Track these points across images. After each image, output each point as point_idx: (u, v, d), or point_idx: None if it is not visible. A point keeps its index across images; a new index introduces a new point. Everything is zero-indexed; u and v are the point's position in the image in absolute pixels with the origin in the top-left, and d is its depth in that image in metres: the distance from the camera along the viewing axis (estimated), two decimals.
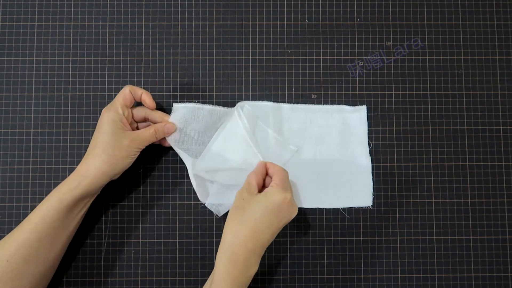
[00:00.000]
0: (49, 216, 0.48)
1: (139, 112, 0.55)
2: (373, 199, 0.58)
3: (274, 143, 0.58)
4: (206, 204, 0.56)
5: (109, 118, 0.51)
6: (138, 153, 0.53)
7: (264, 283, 0.57)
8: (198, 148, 0.57)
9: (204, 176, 0.56)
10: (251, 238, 0.46)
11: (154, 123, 0.55)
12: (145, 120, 0.55)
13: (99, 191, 0.53)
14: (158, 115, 0.55)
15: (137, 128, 0.56)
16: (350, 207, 0.58)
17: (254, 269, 0.48)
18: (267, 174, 0.53)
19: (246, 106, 0.58)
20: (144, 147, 0.53)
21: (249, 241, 0.46)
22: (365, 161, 0.59)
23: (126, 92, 0.53)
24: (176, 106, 0.55)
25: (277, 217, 0.48)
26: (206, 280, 0.56)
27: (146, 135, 0.53)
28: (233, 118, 0.57)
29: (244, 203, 0.48)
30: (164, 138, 0.55)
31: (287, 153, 0.58)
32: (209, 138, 0.57)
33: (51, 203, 0.48)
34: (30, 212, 0.57)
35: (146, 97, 0.54)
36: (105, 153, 0.50)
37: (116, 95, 0.55)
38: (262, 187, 0.52)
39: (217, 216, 0.57)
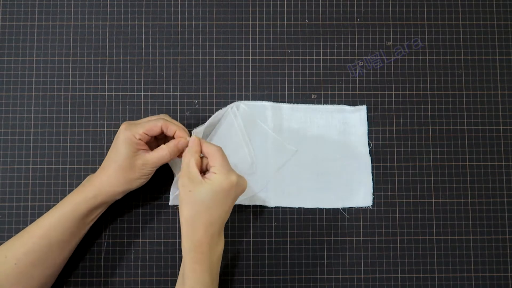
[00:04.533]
0: (61, 224, 0.48)
1: (154, 132, 0.52)
2: (373, 199, 0.58)
3: (273, 143, 0.58)
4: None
5: (126, 139, 0.50)
6: (152, 174, 0.52)
7: (264, 283, 0.57)
8: None
9: None
10: (209, 225, 0.47)
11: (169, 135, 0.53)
12: (161, 132, 0.53)
13: (113, 201, 0.53)
14: (172, 129, 0.52)
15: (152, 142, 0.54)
16: (350, 207, 0.58)
17: (221, 245, 0.49)
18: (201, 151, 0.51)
19: (242, 106, 0.58)
20: (157, 167, 0.52)
21: (208, 228, 0.47)
22: (365, 161, 0.59)
23: (157, 126, 0.51)
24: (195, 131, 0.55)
25: (229, 197, 0.48)
26: None
27: (159, 156, 0.51)
28: (228, 117, 0.57)
29: (190, 196, 0.47)
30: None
31: (286, 153, 0.58)
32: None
33: (64, 212, 0.48)
34: (30, 211, 0.57)
35: (181, 134, 0.52)
36: (118, 174, 0.50)
37: (115, 94, 0.56)
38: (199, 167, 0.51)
39: None
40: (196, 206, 0.47)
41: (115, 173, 0.50)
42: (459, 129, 0.60)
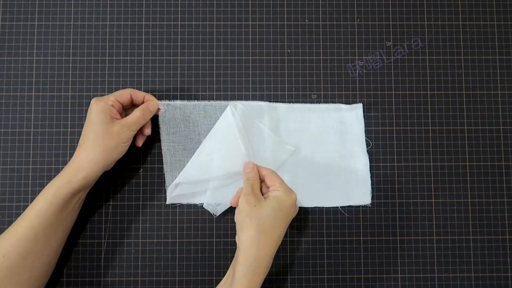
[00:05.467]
0: (44, 211, 0.48)
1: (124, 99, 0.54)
2: (372, 197, 0.58)
3: (271, 143, 0.58)
4: (204, 205, 0.57)
5: (98, 108, 0.51)
6: (130, 140, 0.53)
7: (264, 283, 0.57)
8: (192, 146, 0.57)
9: (197, 185, 0.56)
10: (273, 246, 0.48)
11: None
12: (131, 105, 0.56)
13: (93, 184, 0.53)
14: (141, 95, 0.55)
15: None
16: (350, 207, 0.58)
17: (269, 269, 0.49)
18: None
19: (239, 106, 0.58)
20: (135, 132, 0.53)
21: (271, 250, 0.47)
22: (363, 159, 0.59)
23: (126, 93, 0.53)
24: (162, 106, 0.56)
25: (288, 218, 0.50)
26: (205, 280, 0.56)
27: (133, 118, 0.53)
28: (226, 117, 0.57)
29: (256, 210, 0.47)
30: (144, 128, 0.55)
31: (284, 153, 0.58)
32: (199, 135, 0.58)
33: (46, 198, 0.48)
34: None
35: (150, 98, 0.55)
36: (96, 144, 0.50)
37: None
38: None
39: (215, 215, 0.57)
40: (261, 222, 0.47)
41: (93, 143, 0.50)
42: (459, 129, 0.60)
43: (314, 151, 0.59)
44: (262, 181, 0.53)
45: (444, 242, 0.58)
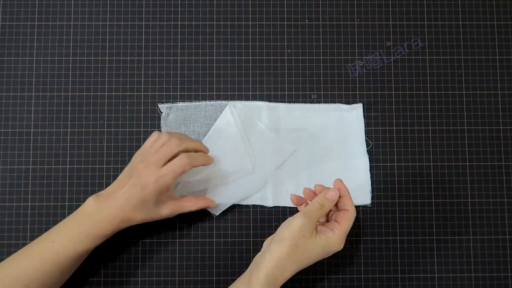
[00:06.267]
0: (75, 255, 0.48)
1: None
2: (372, 197, 0.58)
3: (271, 143, 0.58)
4: None
5: (158, 187, 0.49)
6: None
7: None
8: None
9: (197, 184, 0.56)
10: (294, 273, 0.47)
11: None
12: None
13: None
14: (192, 145, 0.53)
15: None
16: None
17: None
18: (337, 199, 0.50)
19: (238, 105, 0.58)
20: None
21: (291, 275, 0.47)
22: (363, 159, 0.59)
23: (187, 169, 0.51)
24: (165, 110, 0.56)
25: (319, 259, 0.49)
26: (205, 280, 0.56)
27: (187, 207, 0.53)
28: (225, 117, 0.57)
29: (301, 239, 0.46)
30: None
31: (284, 153, 0.58)
32: (200, 135, 0.58)
33: (75, 246, 0.48)
34: (30, 211, 0.57)
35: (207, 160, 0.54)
36: (142, 214, 0.50)
37: (115, 94, 0.55)
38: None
39: (214, 215, 0.57)
40: (298, 252, 0.46)
41: (139, 212, 0.50)
42: (459, 129, 0.60)
43: (314, 151, 0.59)
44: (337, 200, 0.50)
45: (444, 242, 0.58)
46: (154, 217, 0.51)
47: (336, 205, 0.51)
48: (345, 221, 0.49)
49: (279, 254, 0.46)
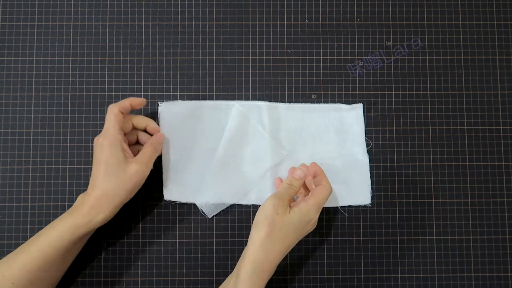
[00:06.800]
0: (59, 245, 0.48)
1: (127, 129, 0.54)
2: (372, 197, 0.58)
3: (266, 144, 0.58)
4: (197, 204, 0.56)
5: (111, 147, 0.49)
6: (145, 178, 0.51)
7: None
8: (191, 144, 0.57)
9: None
10: (280, 255, 0.48)
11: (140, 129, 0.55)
12: (131, 129, 0.55)
13: None
14: (142, 121, 0.54)
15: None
16: (349, 207, 0.58)
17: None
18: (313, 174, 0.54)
19: (236, 105, 0.58)
20: (151, 167, 0.52)
21: (278, 257, 0.48)
22: (363, 159, 0.59)
23: (116, 113, 0.51)
24: (162, 109, 0.57)
25: (302, 233, 0.50)
26: (205, 280, 0.56)
27: (148, 154, 0.52)
28: (236, 118, 0.58)
29: (276, 217, 0.48)
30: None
31: (277, 156, 0.58)
32: (197, 134, 0.58)
33: (63, 234, 0.48)
34: (30, 211, 0.57)
35: (135, 102, 0.53)
36: (115, 186, 0.49)
37: (115, 94, 0.55)
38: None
39: (207, 217, 0.57)
40: (276, 230, 0.47)
41: (112, 185, 0.49)
42: (459, 129, 0.60)
43: (314, 151, 0.59)
44: (313, 177, 0.54)
45: (444, 242, 0.58)
46: (124, 179, 0.49)
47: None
48: (319, 193, 0.51)
49: (259, 237, 0.47)
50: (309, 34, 0.61)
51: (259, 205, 0.57)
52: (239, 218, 0.58)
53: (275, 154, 0.58)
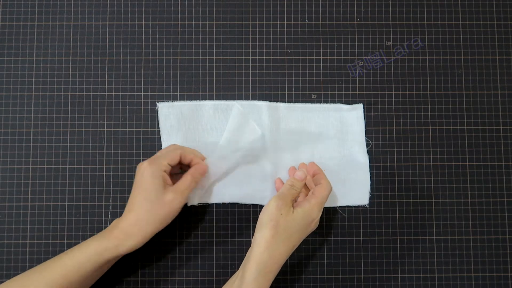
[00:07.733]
0: (85, 267, 0.47)
1: (174, 162, 0.52)
2: (372, 197, 0.58)
3: (265, 144, 0.58)
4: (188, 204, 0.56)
5: (152, 175, 0.49)
6: (181, 208, 0.51)
7: None
8: (191, 145, 0.57)
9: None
10: (285, 255, 0.48)
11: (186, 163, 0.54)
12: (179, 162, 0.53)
13: None
14: (189, 156, 0.53)
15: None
16: (348, 207, 0.58)
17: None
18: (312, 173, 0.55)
19: (236, 105, 0.58)
20: (187, 198, 0.52)
21: (283, 258, 0.48)
22: (363, 160, 0.59)
23: (177, 154, 0.51)
24: (161, 108, 0.57)
25: (306, 231, 0.50)
26: (205, 280, 0.56)
27: (186, 184, 0.51)
28: (236, 118, 0.57)
29: (280, 218, 0.48)
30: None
31: (277, 156, 0.58)
32: (198, 134, 0.58)
33: (89, 256, 0.47)
34: (30, 211, 0.57)
35: (197, 160, 0.53)
36: (150, 214, 0.48)
37: (115, 94, 0.55)
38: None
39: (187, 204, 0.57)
40: (281, 230, 0.47)
41: (146, 213, 0.48)
42: (459, 129, 0.60)
43: (314, 151, 0.59)
44: (312, 176, 0.55)
45: (444, 242, 0.58)
46: (159, 207, 0.49)
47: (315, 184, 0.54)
48: (320, 192, 0.51)
49: (264, 238, 0.47)
50: (309, 34, 0.61)
51: (259, 205, 0.57)
52: (239, 218, 0.58)
53: (275, 154, 0.58)
